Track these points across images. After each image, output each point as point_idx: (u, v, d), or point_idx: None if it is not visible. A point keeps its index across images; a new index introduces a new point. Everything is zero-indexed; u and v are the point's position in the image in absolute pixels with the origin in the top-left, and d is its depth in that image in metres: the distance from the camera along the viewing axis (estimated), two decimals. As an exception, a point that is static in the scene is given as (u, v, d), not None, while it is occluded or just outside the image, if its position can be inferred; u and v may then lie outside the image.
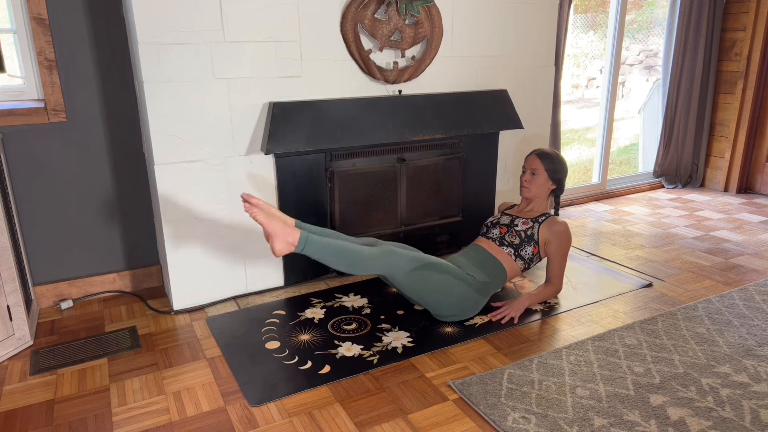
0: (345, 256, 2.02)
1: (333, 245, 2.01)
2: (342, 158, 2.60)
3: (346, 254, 2.02)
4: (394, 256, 2.08)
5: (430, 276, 2.13)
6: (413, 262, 2.11)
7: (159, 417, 1.75)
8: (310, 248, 1.99)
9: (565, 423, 1.67)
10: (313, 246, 1.99)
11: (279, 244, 1.95)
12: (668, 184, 4.40)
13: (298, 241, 1.97)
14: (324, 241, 2.01)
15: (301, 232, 1.98)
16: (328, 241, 2.01)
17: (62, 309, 2.47)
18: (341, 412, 1.76)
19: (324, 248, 2.00)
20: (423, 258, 2.15)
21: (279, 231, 1.95)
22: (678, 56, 4.10)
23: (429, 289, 2.15)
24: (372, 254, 2.04)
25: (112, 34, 2.38)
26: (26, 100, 2.38)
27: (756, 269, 2.83)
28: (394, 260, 2.08)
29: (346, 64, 2.55)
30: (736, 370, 1.94)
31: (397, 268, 2.08)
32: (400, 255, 2.09)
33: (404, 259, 2.10)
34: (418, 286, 2.14)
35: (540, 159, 2.44)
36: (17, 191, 2.36)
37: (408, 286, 2.14)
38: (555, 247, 2.38)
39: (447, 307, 2.22)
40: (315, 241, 1.99)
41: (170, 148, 2.27)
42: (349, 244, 2.05)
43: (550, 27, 3.09)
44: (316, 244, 1.99)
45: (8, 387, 1.92)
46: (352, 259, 2.02)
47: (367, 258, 2.04)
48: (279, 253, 1.96)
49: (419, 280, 2.12)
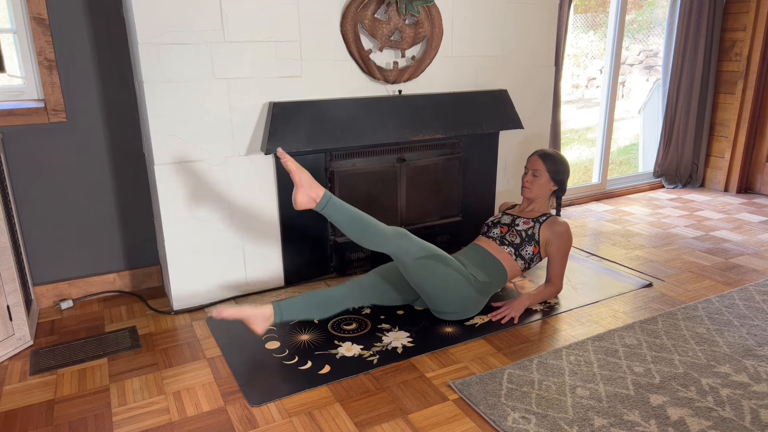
0: (361, 224, 2.07)
1: (352, 211, 2.08)
2: (342, 158, 2.60)
3: (362, 223, 2.07)
4: (407, 239, 2.11)
5: (437, 267, 2.14)
6: (423, 251, 2.13)
7: (159, 417, 1.75)
8: (331, 208, 2.05)
9: (565, 423, 1.67)
10: (334, 206, 2.05)
11: (302, 196, 2.01)
12: (668, 184, 4.40)
13: (321, 198, 2.03)
14: (345, 206, 2.08)
15: (325, 191, 2.05)
16: (349, 207, 2.08)
17: (62, 309, 2.47)
18: (341, 412, 1.76)
19: (343, 211, 2.06)
20: (433, 249, 2.17)
21: (306, 183, 2.01)
22: (678, 56, 4.10)
23: (433, 279, 2.15)
24: (386, 231, 2.09)
25: (112, 34, 2.38)
26: (26, 100, 2.38)
27: (756, 269, 2.83)
28: (406, 243, 2.10)
29: (346, 64, 2.55)
30: (736, 370, 1.94)
31: (407, 251, 2.10)
32: (413, 239, 2.13)
33: (415, 244, 2.12)
34: (423, 274, 2.14)
35: (542, 160, 2.44)
36: (17, 191, 2.36)
37: (413, 271, 2.14)
38: (556, 247, 2.38)
39: (448, 303, 2.21)
40: (336, 203, 2.06)
41: (170, 148, 2.27)
42: (368, 216, 2.11)
43: (550, 27, 3.09)
44: (337, 205, 2.06)
45: (8, 387, 1.92)
46: (367, 230, 2.07)
47: (382, 233, 2.08)
48: (300, 204, 2.02)
49: (425, 268, 2.13)
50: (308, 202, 2.03)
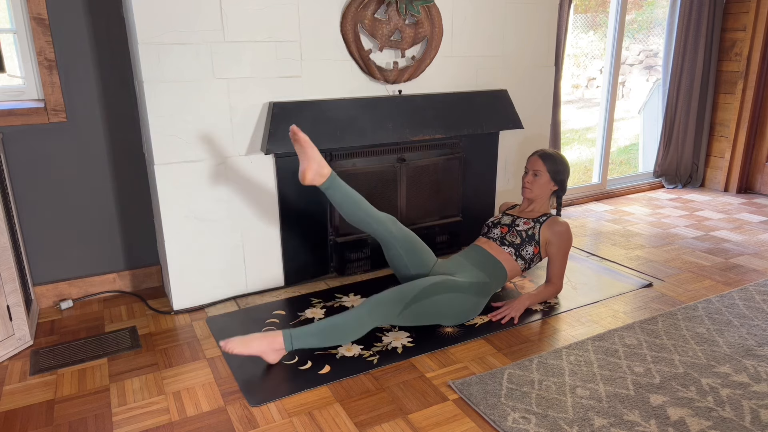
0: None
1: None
2: (342, 158, 2.60)
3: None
4: (381, 306, 2.04)
5: (424, 305, 2.12)
6: (402, 301, 2.07)
7: (159, 417, 1.75)
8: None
9: (565, 423, 1.67)
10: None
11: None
12: (668, 184, 4.40)
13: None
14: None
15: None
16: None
17: (62, 309, 2.47)
18: (341, 412, 1.76)
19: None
20: (411, 291, 2.10)
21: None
22: (678, 56, 4.10)
23: (427, 316, 2.16)
24: (359, 316, 2.00)
25: (112, 34, 2.38)
26: (26, 100, 2.38)
27: (756, 269, 2.83)
28: (383, 310, 2.04)
29: (346, 64, 2.55)
30: (736, 370, 1.94)
31: (389, 316, 2.06)
32: (387, 302, 2.05)
33: (391, 304, 2.05)
34: (416, 319, 2.14)
35: (542, 160, 2.44)
36: (17, 191, 2.36)
37: (407, 323, 2.14)
38: (556, 247, 2.38)
39: (447, 319, 2.22)
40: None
41: (170, 148, 2.27)
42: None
43: (550, 27, 3.09)
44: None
45: (8, 387, 1.92)
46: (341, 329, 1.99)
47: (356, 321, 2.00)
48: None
49: (414, 314, 2.12)
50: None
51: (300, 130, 2.05)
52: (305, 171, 2.09)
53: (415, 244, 2.31)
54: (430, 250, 2.38)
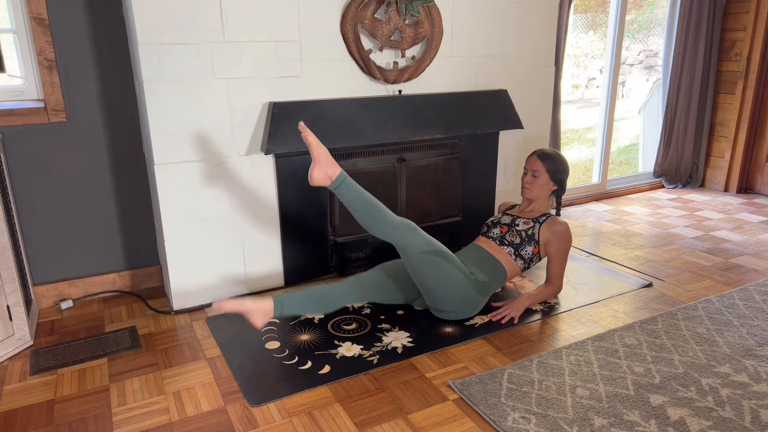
0: (373, 208, 2.09)
1: (365, 195, 2.10)
2: (342, 158, 2.60)
3: (374, 207, 2.09)
4: (414, 232, 2.12)
5: (440, 263, 2.14)
6: (429, 246, 2.13)
7: (159, 417, 1.75)
8: (345, 189, 2.07)
9: (565, 423, 1.67)
10: (348, 187, 2.07)
11: (318, 172, 2.04)
12: (668, 184, 4.40)
13: (337, 177, 2.05)
14: (359, 188, 2.09)
15: (342, 171, 2.06)
16: (362, 190, 2.10)
17: (62, 309, 2.47)
18: (341, 412, 1.76)
19: (356, 192, 2.08)
20: (439, 245, 2.17)
21: (324, 160, 2.04)
22: (678, 56, 4.10)
23: (435, 275, 2.15)
24: (395, 220, 2.10)
25: (112, 34, 2.38)
26: (26, 100, 2.38)
27: (756, 269, 2.83)
28: (413, 236, 2.11)
29: (346, 64, 2.55)
30: (736, 370, 1.94)
31: (412, 244, 2.11)
32: (420, 234, 2.14)
33: (422, 239, 2.13)
34: (425, 268, 2.14)
35: (541, 160, 2.44)
36: (17, 191, 2.36)
37: (416, 264, 2.14)
38: (556, 247, 2.38)
39: (448, 300, 2.21)
40: (351, 184, 2.08)
41: (170, 148, 2.27)
42: (379, 203, 2.13)
43: (550, 27, 3.09)
44: (351, 186, 2.07)
45: (8, 387, 1.92)
46: (377, 215, 2.08)
47: (391, 221, 2.09)
48: (316, 180, 2.04)
49: (429, 262, 2.13)
50: (324, 178, 2.05)
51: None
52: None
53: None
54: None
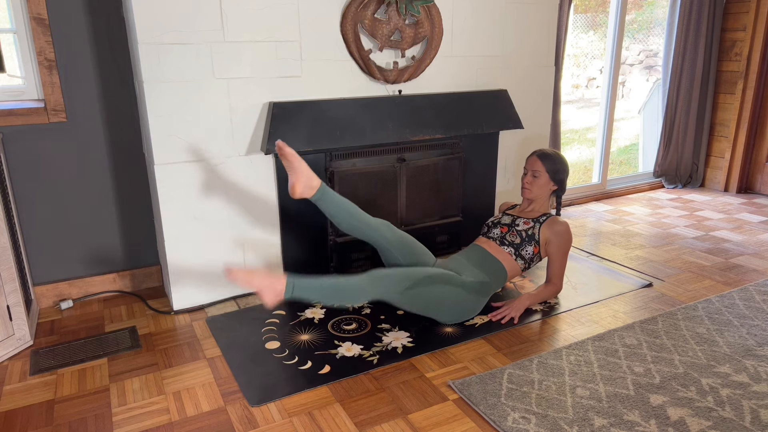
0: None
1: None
2: (342, 158, 2.60)
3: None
4: (385, 280, 2.06)
5: (425, 291, 2.13)
6: (405, 282, 2.09)
7: (159, 417, 1.75)
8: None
9: (565, 423, 1.67)
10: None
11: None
12: (668, 184, 4.40)
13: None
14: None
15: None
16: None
17: (62, 309, 2.47)
18: (341, 412, 1.76)
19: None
20: (415, 275, 2.12)
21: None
22: (678, 56, 4.10)
23: (426, 303, 2.17)
24: (362, 284, 2.03)
25: (112, 34, 2.38)
26: (26, 100, 2.38)
27: (756, 269, 2.83)
28: (385, 285, 2.06)
29: (346, 64, 2.55)
30: (736, 370, 1.94)
31: (390, 292, 2.07)
32: (391, 278, 2.07)
33: (394, 281, 2.07)
34: (415, 303, 2.15)
35: (541, 160, 2.44)
36: (17, 191, 2.36)
37: (405, 305, 2.15)
38: (556, 247, 2.38)
39: (447, 314, 2.23)
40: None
41: (170, 148, 2.27)
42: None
43: (550, 27, 3.09)
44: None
45: (8, 387, 1.92)
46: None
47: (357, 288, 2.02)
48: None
49: (415, 297, 2.12)
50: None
51: (286, 145, 2.07)
52: (294, 185, 2.11)
53: (412, 248, 2.32)
54: (428, 251, 2.38)
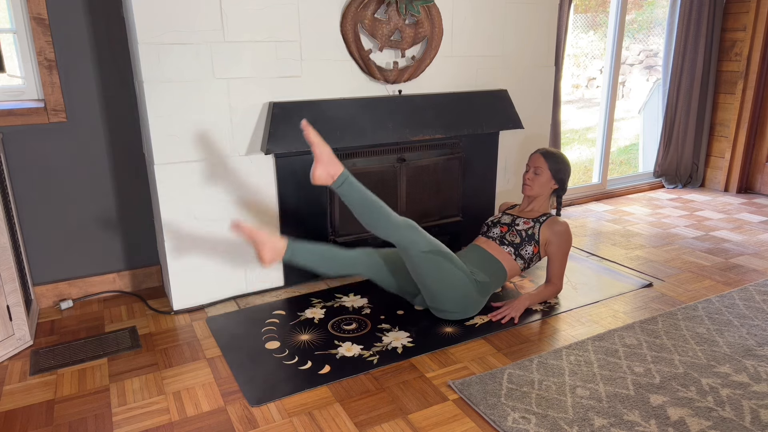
0: (374, 207, 2.10)
1: (367, 193, 2.12)
2: (342, 158, 2.59)
3: (376, 206, 2.10)
4: (415, 231, 2.12)
5: (441, 263, 2.14)
6: (430, 245, 2.14)
7: (159, 417, 1.75)
8: (348, 187, 2.09)
9: (565, 423, 1.67)
10: (351, 185, 2.09)
11: (321, 171, 2.06)
12: (668, 184, 4.40)
13: (339, 175, 2.08)
14: (361, 187, 2.11)
15: (344, 170, 2.10)
16: (364, 189, 2.12)
17: (62, 309, 2.47)
18: (341, 412, 1.76)
19: (358, 191, 2.10)
20: (440, 245, 2.17)
21: (327, 158, 2.06)
22: (678, 56, 4.10)
23: (435, 274, 2.15)
24: (397, 220, 2.11)
25: (112, 34, 2.38)
26: (26, 100, 2.38)
27: (756, 269, 2.83)
28: (414, 235, 2.11)
29: (346, 64, 2.55)
30: (736, 370, 1.94)
31: (414, 243, 2.11)
32: (421, 233, 2.14)
33: (423, 238, 2.13)
34: (426, 268, 2.14)
35: (544, 158, 2.44)
36: (17, 191, 2.36)
37: (417, 263, 2.14)
38: (556, 247, 2.38)
39: (448, 300, 2.21)
40: (353, 182, 2.10)
41: (170, 148, 2.27)
42: (381, 202, 2.14)
43: (550, 27, 3.09)
44: (354, 184, 2.10)
45: (8, 387, 1.92)
46: (378, 214, 2.10)
47: (392, 220, 2.09)
48: (318, 179, 2.07)
49: (430, 262, 2.13)
50: (326, 177, 2.07)
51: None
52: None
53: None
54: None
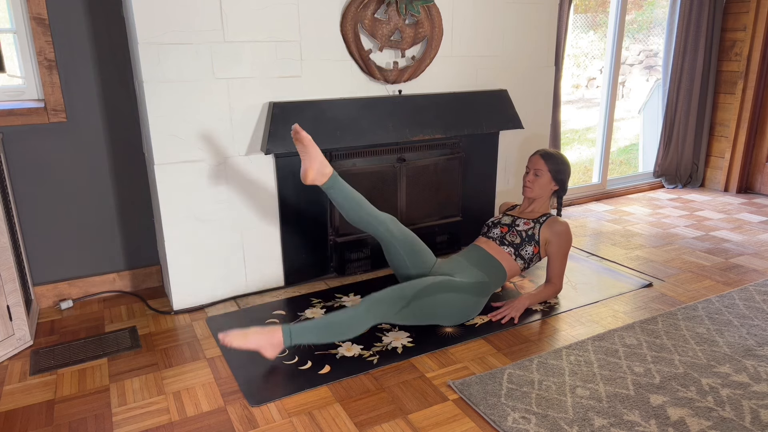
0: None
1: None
2: (342, 158, 2.60)
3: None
4: (380, 305, 2.04)
5: (421, 304, 2.11)
6: (400, 301, 2.07)
7: (159, 417, 1.75)
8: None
9: (565, 423, 1.67)
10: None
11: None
12: (668, 184, 4.40)
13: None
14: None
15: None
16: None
17: (62, 309, 2.47)
18: (341, 412, 1.76)
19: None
20: (409, 291, 2.10)
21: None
22: (678, 56, 4.10)
23: (424, 315, 2.15)
24: (357, 315, 2.01)
25: (112, 34, 2.38)
26: (26, 100, 2.38)
27: (756, 269, 2.83)
28: (382, 310, 2.04)
29: (346, 64, 2.55)
30: (736, 370, 1.94)
31: (387, 315, 2.06)
32: (385, 302, 2.05)
33: (390, 303, 2.05)
34: (414, 318, 2.14)
35: (544, 159, 2.44)
36: (17, 191, 2.36)
37: (405, 321, 2.13)
38: (556, 247, 2.38)
39: (447, 319, 2.22)
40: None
41: (170, 148, 2.27)
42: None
43: (550, 27, 3.09)
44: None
45: (8, 387, 1.92)
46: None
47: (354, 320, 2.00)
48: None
49: (412, 313, 2.11)
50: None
51: (302, 129, 2.05)
52: (307, 170, 2.10)
53: (415, 245, 2.32)
54: (429, 250, 2.39)
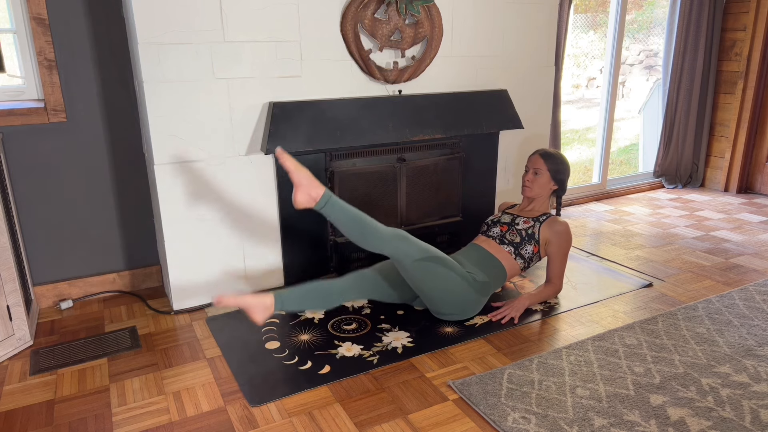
0: (361, 225, 2.06)
1: (352, 211, 2.07)
2: (342, 158, 2.60)
3: (362, 223, 2.07)
4: (406, 241, 2.11)
5: (435, 268, 2.13)
6: (422, 252, 2.12)
7: (159, 417, 1.75)
8: (330, 208, 2.04)
9: (565, 423, 1.67)
10: (333, 206, 2.04)
11: (302, 196, 2.01)
12: (668, 184, 4.40)
13: (321, 197, 2.02)
14: (345, 205, 2.07)
15: (326, 190, 2.03)
16: (348, 207, 2.07)
17: (62, 309, 2.47)
18: (341, 412, 1.76)
19: (343, 211, 2.05)
20: (432, 250, 2.16)
21: (305, 182, 2.00)
22: (678, 56, 4.10)
23: (431, 281, 2.15)
24: (385, 232, 2.09)
25: (112, 34, 2.38)
26: (26, 100, 2.38)
27: (756, 269, 2.83)
28: (405, 245, 2.10)
29: (346, 64, 2.55)
30: (736, 370, 1.94)
31: (405, 254, 2.09)
32: (412, 242, 2.12)
33: (414, 247, 2.11)
34: (421, 276, 2.14)
35: (543, 159, 2.44)
36: (17, 191, 2.36)
37: (412, 273, 2.14)
38: (556, 247, 2.38)
39: (447, 304, 2.21)
40: (336, 202, 2.05)
41: (170, 148, 2.27)
42: (367, 217, 2.10)
43: (550, 27, 3.09)
44: (337, 205, 2.05)
45: (8, 387, 1.92)
46: (365, 230, 2.07)
47: (381, 234, 2.07)
48: (300, 203, 2.02)
49: (424, 269, 2.12)
50: (308, 201, 2.02)
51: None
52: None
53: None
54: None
